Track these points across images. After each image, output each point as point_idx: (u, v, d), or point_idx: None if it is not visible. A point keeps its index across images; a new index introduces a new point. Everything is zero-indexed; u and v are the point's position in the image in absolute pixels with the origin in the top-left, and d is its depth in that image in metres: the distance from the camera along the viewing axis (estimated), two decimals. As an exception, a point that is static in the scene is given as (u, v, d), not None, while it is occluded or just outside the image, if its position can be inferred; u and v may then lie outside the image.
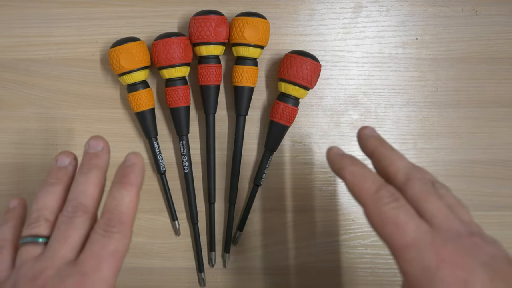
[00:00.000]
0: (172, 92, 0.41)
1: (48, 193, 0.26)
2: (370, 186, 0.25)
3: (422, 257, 0.23)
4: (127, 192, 0.25)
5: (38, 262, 0.24)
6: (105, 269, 0.23)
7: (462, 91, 0.45)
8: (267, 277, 0.43)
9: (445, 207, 0.25)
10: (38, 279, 0.23)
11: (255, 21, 0.40)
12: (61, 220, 0.25)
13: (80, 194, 0.25)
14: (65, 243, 0.24)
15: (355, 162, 0.27)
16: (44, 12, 0.44)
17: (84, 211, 0.25)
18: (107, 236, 0.24)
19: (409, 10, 0.45)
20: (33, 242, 0.25)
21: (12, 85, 0.44)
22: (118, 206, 0.24)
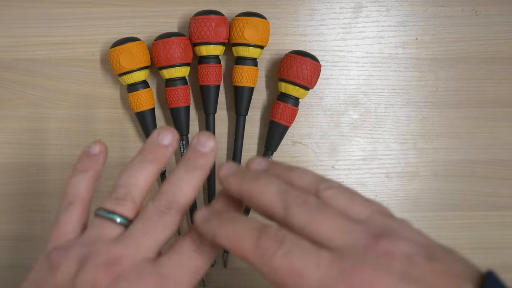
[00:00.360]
0: (172, 92, 0.41)
1: (142, 170, 0.24)
2: (248, 242, 0.21)
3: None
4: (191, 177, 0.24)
5: (116, 246, 0.21)
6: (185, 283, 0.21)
7: (462, 91, 0.45)
8: (267, 277, 0.43)
9: (338, 219, 0.21)
10: (114, 266, 0.20)
11: (255, 21, 0.40)
12: (151, 210, 0.23)
13: (177, 191, 0.23)
14: (151, 238, 0.22)
15: (224, 221, 0.22)
16: (44, 12, 0.44)
17: (177, 211, 0.23)
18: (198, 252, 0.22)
19: (409, 10, 0.45)
20: (113, 220, 0.22)
21: (12, 85, 0.44)
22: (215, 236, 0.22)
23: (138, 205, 0.23)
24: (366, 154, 0.44)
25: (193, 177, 0.24)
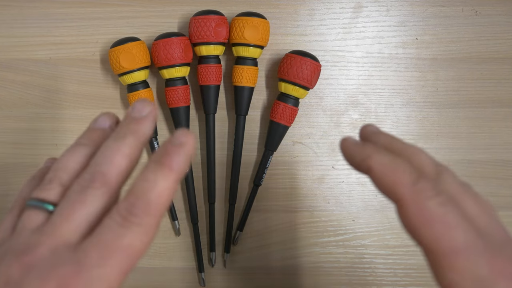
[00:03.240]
0: (172, 92, 0.41)
1: (73, 153, 0.22)
2: (406, 176, 0.21)
3: (475, 265, 0.19)
4: (164, 176, 0.19)
5: (34, 235, 0.19)
6: (110, 267, 0.18)
7: (462, 91, 0.45)
8: (267, 277, 0.43)
9: (482, 208, 0.22)
10: (27, 256, 0.18)
11: (255, 21, 0.40)
12: (73, 188, 0.20)
13: (104, 161, 0.20)
14: (69, 220, 0.19)
15: (382, 149, 0.22)
16: (44, 12, 0.44)
17: (103, 183, 0.20)
18: (125, 226, 0.18)
19: (409, 10, 0.45)
20: (39, 207, 0.21)
21: (12, 85, 0.44)
22: (148, 191, 0.19)
23: (67, 188, 0.21)
24: (366, 154, 0.44)
25: (124, 144, 0.21)
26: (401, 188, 0.21)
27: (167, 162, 0.19)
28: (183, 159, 0.20)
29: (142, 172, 0.20)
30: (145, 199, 0.19)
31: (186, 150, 0.20)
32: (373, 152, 0.22)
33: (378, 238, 0.43)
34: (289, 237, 0.44)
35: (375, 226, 0.44)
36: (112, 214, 0.19)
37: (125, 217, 0.19)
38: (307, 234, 0.44)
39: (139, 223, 0.19)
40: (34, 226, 0.20)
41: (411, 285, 0.43)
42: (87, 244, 0.19)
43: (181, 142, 0.20)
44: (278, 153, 0.44)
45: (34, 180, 0.24)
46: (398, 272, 0.43)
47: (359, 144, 0.23)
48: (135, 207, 0.19)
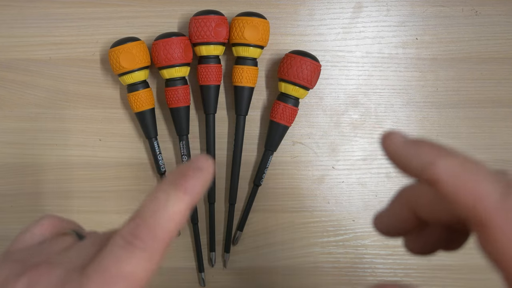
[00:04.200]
0: (172, 92, 0.41)
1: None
2: (491, 189, 0.15)
3: None
4: (177, 198, 0.17)
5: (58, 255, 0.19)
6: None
7: (462, 91, 0.45)
8: (267, 277, 0.43)
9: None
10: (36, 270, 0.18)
11: (255, 21, 0.40)
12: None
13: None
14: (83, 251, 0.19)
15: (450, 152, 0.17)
16: (44, 12, 0.44)
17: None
18: (127, 249, 0.17)
19: (409, 10, 0.45)
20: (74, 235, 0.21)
21: (12, 85, 0.44)
22: (157, 211, 0.17)
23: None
24: (366, 154, 0.44)
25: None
26: (487, 206, 0.15)
27: (182, 183, 0.18)
28: (200, 183, 0.18)
29: (153, 191, 0.18)
30: (152, 220, 0.17)
31: (204, 175, 0.18)
32: (438, 155, 0.16)
33: (378, 238, 0.43)
34: (289, 237, 0.44)
35: (375, 226, 0.44)
36: (115, 236, 0.17)
37: (128, 241, 0.17)
38: (307, 234, 0.44)
39: (143, 248, 0.17)
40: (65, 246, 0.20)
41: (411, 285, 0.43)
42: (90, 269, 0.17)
43: (200, 167, 0.18)
44: (278, 153, 0.44)
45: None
46: (398, 272, 0.43)
47: (413, 144, 0.17)
48: (140, 229, 0.17)
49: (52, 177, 0.43)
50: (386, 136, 0.18)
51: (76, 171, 0.43)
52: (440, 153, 0.16)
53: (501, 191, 0.15)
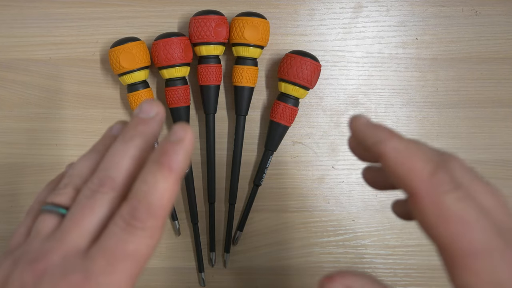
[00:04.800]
0: (172, 92, 0.41)
1: (87, 159, 0.22)
2: (423, 166, 0.19)
3: (494, 269, 0.18)
4: (163, 177, 0.19)
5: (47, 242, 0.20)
6: (118, 273, 0.18)
7: (462, 91, 0.45)
8: (267, 277, 0.43)
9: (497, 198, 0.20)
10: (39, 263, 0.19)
11: (255, 21, 0.40)
12: (83, 193, 0.20)
13: (112, 165, 0.20)
14: (79, 225, 0.19)
15: (397, 134, 0.20)
16: (44, 12, 0.44)
17: (112, 188, 0.20)
18: (128, 231, 0.18)
19: (409, 10, 0.45)
20: (53, 211, 0.21)
21: (12, 85, 0.44)
22: (149, 193, 0.19)
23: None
24: (366, 154, 0.44)
25: (131, 145, 0.20)
26: (417, 179, 0.19)
27: (165, 162, 0.19)
28: (182, 157, 0.19)
29: (142, 173, 0.19)
30: (146, 202, 0.18)
31: (185, 147, 0.19)
32: (388, 136, 0.20)
33: (378, 238, 0.43)
34: (289, 237, 0.44)
35: (375, 226, 0.44)
36: (115, 220, 0.19)
37: (128, 222, 0.18)
38: (307, 234, 0.44)
39: (142, 227, 0.18)
40: (48, 231, 0.20)
41: (411, 285, 0.43)
42: (94, 251, 0.18)
43: (179, 138, 0.19)
44: (278, 153, 0.44)
45: (51, 185, 0.24)
46: (398, 272, 0.43)
47: (372, 126, 0.21)
48: (137, 211, 0.18)
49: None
50: (354, 118, 0.22)
51: (76, 171, 0.43)
52: (391, 135, 0.20)
53: (430, 169, 0.18)
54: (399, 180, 0.19)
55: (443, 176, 0.19)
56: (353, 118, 0.22)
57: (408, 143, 0.20)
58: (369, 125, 0.21)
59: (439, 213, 0.18)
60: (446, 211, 0.18)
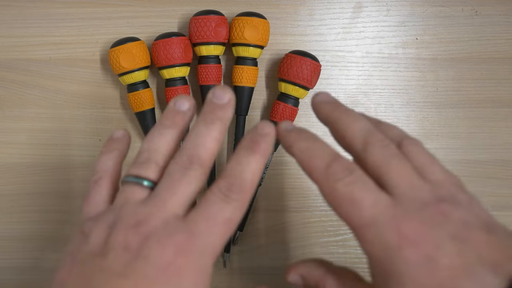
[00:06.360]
0: (172, 92, 0.41)
1: (161, 135, 0.24)
2: (320, 162, 0.23)
3: (382, 235, 0.21)
4: (254, 159, 0.23)
5: (143, 207, 0.22)
6: (216, 235, 0.21)
7: (462, 91, 0.45)
8: (267, 277, 0.43)
9: (410, 172, 0.22)
10: (143, 226, 0.21)
11: (255, 21, 0.40)
12: (173, 168, 0.23)
13: (198, 145, 0.23)
14: (176, 194, 0.22)
15: (303, 136, 0.25)
16: (44, 12, 0.44)
17: (200, 165, 0.23)
18: (226, 201, 0.22)
19: (409, 10, 0.45)
20: (139, 183, 0.23)
21: (12, 85, 0.44)
22: (242, 172, 0.22)
23: (161, 168, 0.24)
24: (366, 154, 0.44)
25: (213, 129, 0.24)
26: (315, 173, 0.23)
27: (256, 148, 0.23)
28: (269, 145, 0.23)
29: (235, 157, 0.23)
30: (241, 179, 0.22)
31: (270, 139, 0.24)
32: (295, 140, 0.24)
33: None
34: (289, 237, 0.44)
35: (375, 226, 0.44)
36: (214, 191, 0.22)
37: (226, 194, 0.22)
38: (307, 234, 0.44)
39: (237, 199, 0.22)
40: (138, 200, 0.22)
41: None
42: (195, 215, 0.22)
43: (267, 132, 0.24)
44: (278, 153, 0.44)
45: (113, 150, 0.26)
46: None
47: (286, 132, 0.25)
48: (234, 186, 0.22)
49: (53, 177, 0.43)
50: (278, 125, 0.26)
51: (76, 171, 0.43)
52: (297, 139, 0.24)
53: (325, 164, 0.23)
54: (308, 175, 0.24)
55: (337, 167, 0.22)
56: (278, 125, 0.26)
57: (311, 144, 0.24)
58: (285, 131, 0.25)
59: (334, 197, 0.22)
60: (338, 195, 0.22)
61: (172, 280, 0.20)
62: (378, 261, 0.21)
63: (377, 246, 0.21)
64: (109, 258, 0.20)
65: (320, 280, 0.25)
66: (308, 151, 0.24)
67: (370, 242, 0.21)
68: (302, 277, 0.26)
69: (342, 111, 0.26)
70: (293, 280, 0.27)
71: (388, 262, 0.20)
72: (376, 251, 0.21)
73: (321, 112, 0.27)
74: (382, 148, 0.23)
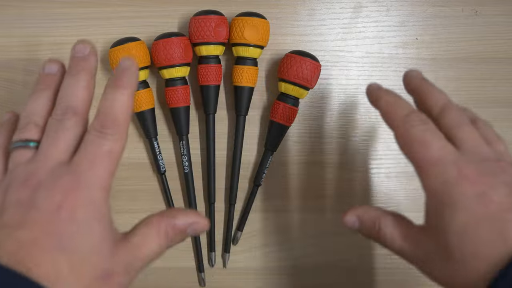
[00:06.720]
0: (172, 92, 0.41)
1: (37, 99, 0.26)
2: (401, 111, 0.27)
3: (444, 172, 0.24)
4: (120, 94, 0.24)
5: (30, 164, 0.24)
6: (100, 169, 0.23)
7: (462, 91, 0.45)
8: (267, 277, 0.43)
9: (478, 137, 0.26)
10: (31, 179, 0.23)
11: (255, 21, 0.40)
12: (51, 123, 0.25)
13: (69, 96, 0.25)
14: (56, 145, 0.24)
15: (390, 93, 0.29)
16: (44, 12, 0.44)
17: (74, 113, 0.25)
18: (102, 137, 0.23)
19: (409, 10, 0.45)
20: (24, 146, 0.25)
21: (12, 85, 0.44)
22: (112, 107, 0.24)
23: (42, 127, 0.25)
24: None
25: (79, 79, 0.26)
26: (395, 119, 0.27)
27: (119, 83, 0.25)
28: (132, 78, 0.25)
29: (103, 96, 0.25)
30: (111, 113, 0.24)
31: (132, 71, 0.25)
32: (383, 94, 0.29)
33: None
34: (289, 237, 0.44)
35: (375, 226, 0.44)
36: (90, 131, 0.24)
37: (100, 131, 0.24)
38: (307, 234, 0.44)
39: (112, 133, 0.24)
40: (26, 159, 0.24)
41: (411, 285, 0.43)
42: (77, 157, 0.23)
43: (127, 66, 0.25)
44: (278, 153, 0.44)
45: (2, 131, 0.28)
46: (397, 272, 0.43)
47: (376, 89, 0.30)
48: (106, 121, 0.24)
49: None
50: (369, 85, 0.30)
51: (76, 171, 0.43)
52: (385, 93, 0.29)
53: (405, 113, 0.27)
54: (388, 122, 0.28)
55: (414, 116, 0.26)
56: (368, 85, 0.30)
57: (397, 99, 0.28)
58: (375, 88, 0.30)
59: (407, 138, 0.26)
60: (411, 136, 0.26)
61: (66, 219, 0.21)
62: (436, 193, 0.24)
63: (438, 180, 0.24)
64: (6, 216, 0.22)
65: (376, 218, 0.27)
66: (394, 103, 0.28)
67: (432, 176, 0.25)
68: (359, 218, 0.28)
69: (429, 84, 0.30)
70: (351, 221, 0.29)
71: (446, 193, 0.24)
72: (436, 185, 0.24)
73: (411, 83, 0.31)
74: (457, 114, 0.27)
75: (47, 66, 0.28)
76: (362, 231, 0.29)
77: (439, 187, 0.24)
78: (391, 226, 0.27)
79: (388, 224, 0.27)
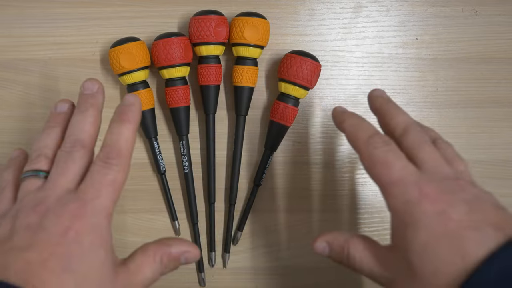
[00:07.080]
0: (172, 92, 0.41)
1: (48, 134, 0.28)
2: (364, 134, 0.28)
3: (405, 192, 0.25)
4: (126, 128, 0.26)
5: (39, 192, 0.25)
6: (104, 197, 0.24)
7: (462, 91, 0.45)
8: (267, 277, 0.43)
9: (438, 157, 0.27)
10: (40, 206, 0.24)
11: (255, 21, 0.40)
12: (60, 155, 0.27)
13: (77, 131, 0.27)
14: (65, 174, 0.25)
15: (354, 115, 0.30)
16: (44, 12, 0.44)
17: (82, 146, 0.26)
18: (107, 167, 0.25)
19: (409, 10, 0.45)
20: (34, 175, 0.26)
21: (12, 85, 0.44)
22: (116, 140, 0.26)
23: (52, 159, 0.27)
24: (366, 154, 0.44)
25: (87, 115, 0.28)
26: (359, 141, 0.28)
27: (124, 117, 0.27)
28: (136, 114, 0.27)
29: (109, 130, 0.27)
30: (116, 146, 0.26)
31: (136, 107, 0.28)
32: (347, 117, 0.30)
33: (378, 238, 0.43)
34: (289, 237, 0.44)
35: (375, 226, 0.44)
36: (96, 161, 0.26)
37: (106, 161, 0.25)
38: (306, 234, 0.44)
39: (116, 164, 0.25)
40: (36, 188, 0.26)
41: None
42: (83, 186, 0.25)
43: (132, 102, 0.28)
44: (278, 153, 0.44)
45: (12, 165, 0.29)
46: (398, 272, 0.43)
47: (340, 112, 0.31)
48: (112, 153, 0.26)
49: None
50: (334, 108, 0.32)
51: (76, 171, 0.43)
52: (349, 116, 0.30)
53: (368, 136, 0.27)
54: (352, 145, 0.28)
55: (376, 138, 0.27)
56: (334, 108, 0.32)
57: (360, 121, 0.29)
58: (340, 112, 0.31)
59: (370, 159, 0.27)
60: (374, 158, 0.26)
61: (71, 242, 0.23)
62: (399, 213, 0.25)
63: (400, 199, 0.25)
64: (15, 239, 0.23)
65: (345, 243, 0.28)
66: (357, 125, 0.28)
67: (395, 196, 0.25)
68: (328, 244, 0.29)
69: (392, 106, 0.30)
70: (320, 248, 0.29)
71: (408, 213, 0.24)
72: (398, 204, 0.25)
73: (375, 103, 0.31)
74: (418, 135, 0.28)
75: (59, 105, 0.30)
76: (332, 256, 0.29)
77: (401, 207, 0.25)
78: (360, 249, 0.28)
79: (357, 248, 0.28)
